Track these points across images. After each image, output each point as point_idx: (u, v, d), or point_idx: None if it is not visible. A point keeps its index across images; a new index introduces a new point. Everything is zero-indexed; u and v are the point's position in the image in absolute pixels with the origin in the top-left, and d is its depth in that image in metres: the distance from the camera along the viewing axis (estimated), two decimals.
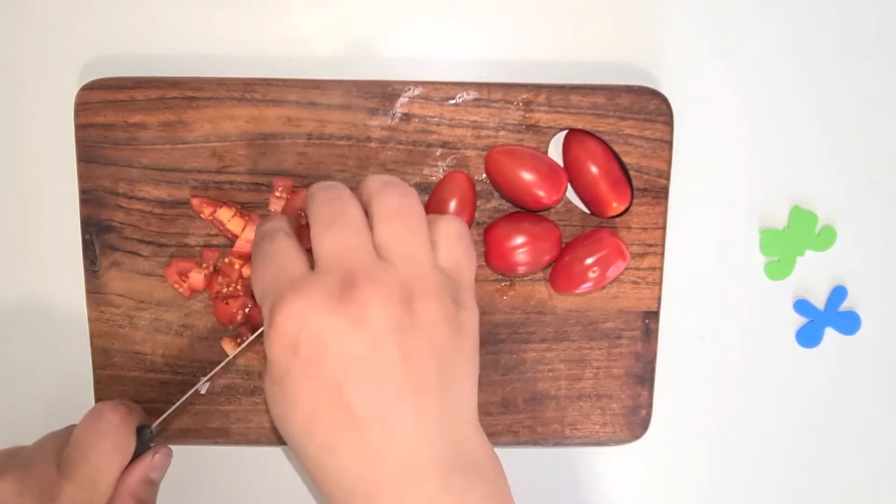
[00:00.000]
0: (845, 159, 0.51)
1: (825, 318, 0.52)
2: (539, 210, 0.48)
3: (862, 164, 0.51)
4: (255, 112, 0.47)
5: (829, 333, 0.52)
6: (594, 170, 0.47)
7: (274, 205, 0.48)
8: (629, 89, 0.48)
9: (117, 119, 0.47)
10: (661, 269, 0.49)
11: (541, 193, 0.46)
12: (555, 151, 0.49)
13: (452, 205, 0.47)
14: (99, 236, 0.48)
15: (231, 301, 0.49)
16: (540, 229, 0.47)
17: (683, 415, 0.53)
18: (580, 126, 0.48)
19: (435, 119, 0.48)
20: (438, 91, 0.47)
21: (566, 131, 0.49)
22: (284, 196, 0.48)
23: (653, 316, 0.50)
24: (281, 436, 0.46)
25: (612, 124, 0.48)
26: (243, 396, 0.50)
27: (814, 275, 0.52)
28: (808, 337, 0.52)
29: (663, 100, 0.48)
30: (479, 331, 0.50)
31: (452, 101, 0.48)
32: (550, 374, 0.50)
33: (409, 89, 0.47)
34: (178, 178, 0.48)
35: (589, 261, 0.47)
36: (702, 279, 0.52)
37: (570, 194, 0.49)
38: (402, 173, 0.48)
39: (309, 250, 0.38)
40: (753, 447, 0.54)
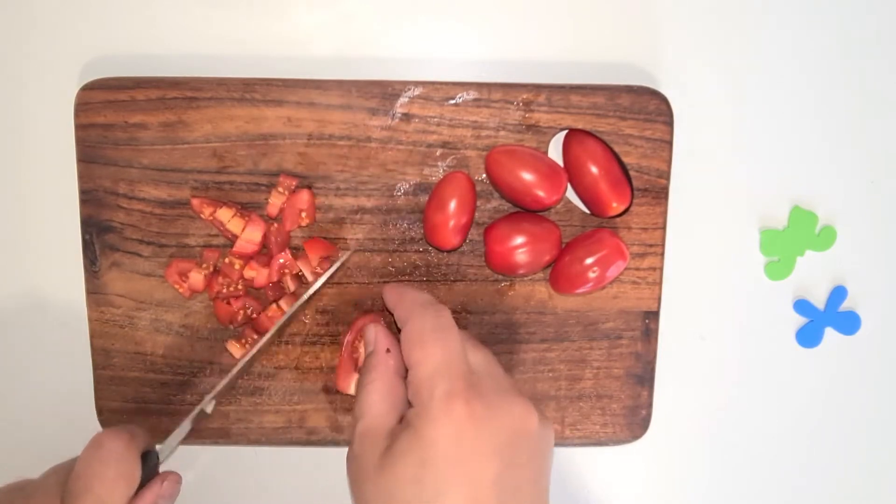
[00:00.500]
0: (845, 159, 0.51)
1: (825, 318, 0.52)
2: (539, 210, 0.48)
3: (862, 164, 0.51)
4: (255, 112, 0.47)
5: (829, 333, 0.52)
6: (594, 170, 0.47)
7: (274, 200, 0.48)
8: (629, 89, 0.48)
9: (117, 119, 0.47)
10: (661, 269, 0.49)
11: (541, 193, 0.46)
12: (555, 151, 0.49)
13: (452, 205, 0.47)
14: (99, 236, 0.48)
15: (232, 301, 0.48)
16: (540, 229, 0.47)
17: (683, 415, 0.53)
18: (580, 126, 0.48)
19: (435, 119, 0.48)
20: (438, 91, 0.47)
21: (566, 131, 0.49)
22: (286, 194, 0.48)
23: (653, 316, 0.50)
24: (283, 441, 0.47)
25: (612, 124, 0.48)
26: (243, 396, 0.50)
27: (814, 275, 0.52)
28: (808, 337, 0.52)
29: (663, 100, 0.48)
30: (479, 331, 0.50)
31: (452, 101, 0.48)
32: (550, 375, 0.50)
33: (409, 89, 0.47)
34: (178, 178, 0.48)
35: (589, 261, 0.47)
36: (702, 279, 0.52)
37: (570, 194, 0.49)
38: (402, 173, 0.48)
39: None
40: (753, 447, 0.54)
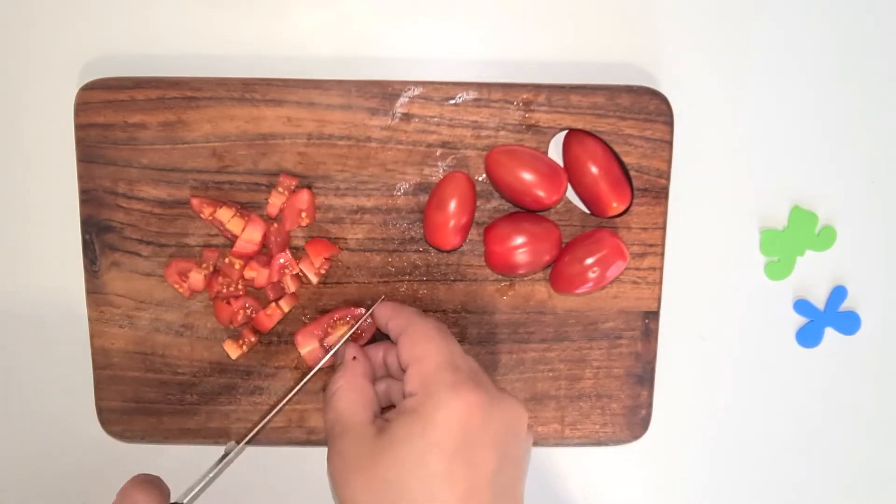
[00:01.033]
0: (845, 159, 0.51)
1: (825, 318, 0.52)
2: (539, 210, 0.48)
3: (862, 164, 0.51)
4: (255, 112, 0.47)
5: (829, 333, 0.52)
6: (594, 170, 0.47)
7: (274, 200, 0.48)
8: (629, 89, 0.48)
9: (117, 119, 0.47)
10: (661, 269, 0.49)
11: (541, 193, 0.46)
12: (555, 151, 0.49)
13: (452, 205, 0.47)
14: (99, 236, 0.48)
15: (232, 301, 0.48)
16: (540, 229, 0.47)
17: (683, 415, 0.53)
18: (580, 126, 0.48)
19: (435, 119, 0.48)
20: (438, 91, 0.47)
21: (566, 131, 0.49)
22: (286, 194, 0.48)
23: (653, 316, 0.50)
24: (283, 440, 0.47)
25: (612, 124, 0.48)
26: (243, 396, 0.50)
27: (814, 275, 0.52)
28: (808, 337, 0.52)
29: (663, 100, 0.48)
30: (479, 331, 0.50)
31: (452, 101, 0.48)
32: (550, 374, 0.50)
33: (409, 89, 0.47)
34: (178, 178, 0.48)
35: (589, 261, 0.47)
36: (702, 279, 0.52)
37: (570, 194, 0.49)
38: (402, 173, 0.48)
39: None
40: (753, 447, 0.54)
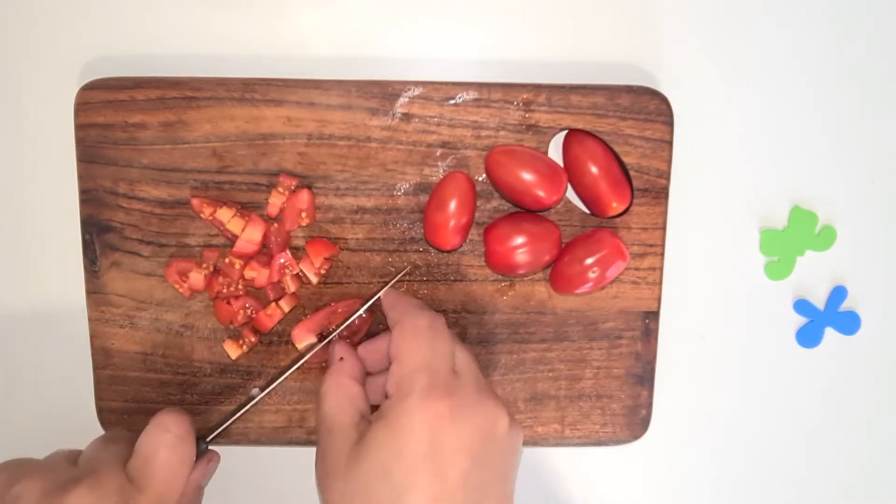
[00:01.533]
0: (845, 159, 0.51)
1: (825, 318, 0.52)
2: (539, 210, 0.48)
3: (862, 164, 0.51)
4: (255, 112, 0.47)
5: (829, 333, 0.52)
6: (594, 170, 0.47)
7: (274, 200, 0.48)
8: (629, 89, 0.48)
9: (117, 119, 0.47)
10: (661, 269, 0.49)
11: (541, 193, 0.46)
12: (555, 151, 0.49)
13: (452, 205, 0.47)
14: (99, 236, 0.48)
15: (232, 301, 0.48)
16: (540, 229, 0.47)
17: (683, 415, 0.53)
18: (580, 126, 0.48)
19: (435, 119, 0.48)
20: (438, 91, 0.47)
21: (566, 131, 0.49)
22: (286, 194, 0.48)
23: (653, 316, 0.50)
24: (283, 440, 0.47)
25: (612, 124, 0.48)
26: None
27: (814, 275, 0.52)
28: (808, 337, 0.52)
29: (663, 100, 0.48)
30: (480, 331, 0.50)
31: (452, 101, 0.48)
32: (550, 374, 0.50)
33: (409, 89, 0.47)
34: (178, 178, 0.48)
35: (589, 261, 0.47)
36: (702, 279, 0.52)
37: (570, 194, 0.49)
38: (402, 173, 0.48)
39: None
40: (753, 447, 0.54)
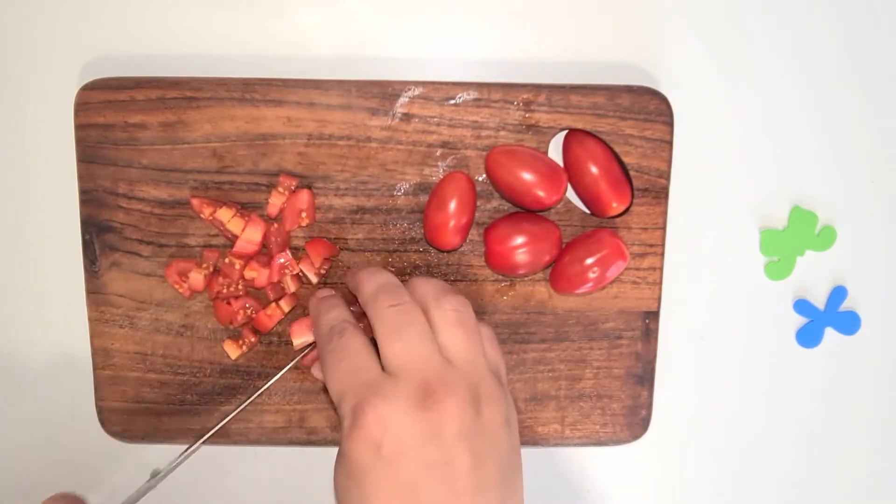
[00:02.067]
0: (845, 159, 0.51)
1: (825, 318, 0.52)
2: (539, 210, 0.48)
3: (862, 164, 0.51)
4: (255, 112, 0.47)
5: (829, 333, 0.52)
6: (594, 170, 0.47)
7: (274, 200, 0.48)
8: (629, 89, 0.48)
9: (117, 119, 0.47)
10: (661, 269, 0.49)
11: (541, 193, 0.46)
12: (555, 151, 0.49)
13: (452, 205, 0.47)
14: (99, 236, 0.48)
15: (232, 301, 0.48)
16: (540, 229, 0.47)
17: (683, 415, 0.53)
18: (580, 126, 0.48)
19: (435, 119, 0.48)
20: (438, 91, 0.47)
21: (566, 131, 0.49)
22: (286, 193, 0.48)
23: (653, 316, 0.50)
24: (283, 440, 0.47)
25: (612, 124, 0.48)
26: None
27: (814, 275, 0.52)
28: (808, 337, 0.52)
29: (663, 100, 0.48)
30: None
31: (452, 101, 0.48)
32: (550, 375, 0.50)
33: (409, 89, 0.47)
34: (178, 178, 0.48)
35: (589, 261, 0.47)
36: (702, 279, 0.52)
37: (570, 194, 0.49)
38: (402, 173, 0.48)
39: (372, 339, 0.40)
40: (753, 447, 0.54)
